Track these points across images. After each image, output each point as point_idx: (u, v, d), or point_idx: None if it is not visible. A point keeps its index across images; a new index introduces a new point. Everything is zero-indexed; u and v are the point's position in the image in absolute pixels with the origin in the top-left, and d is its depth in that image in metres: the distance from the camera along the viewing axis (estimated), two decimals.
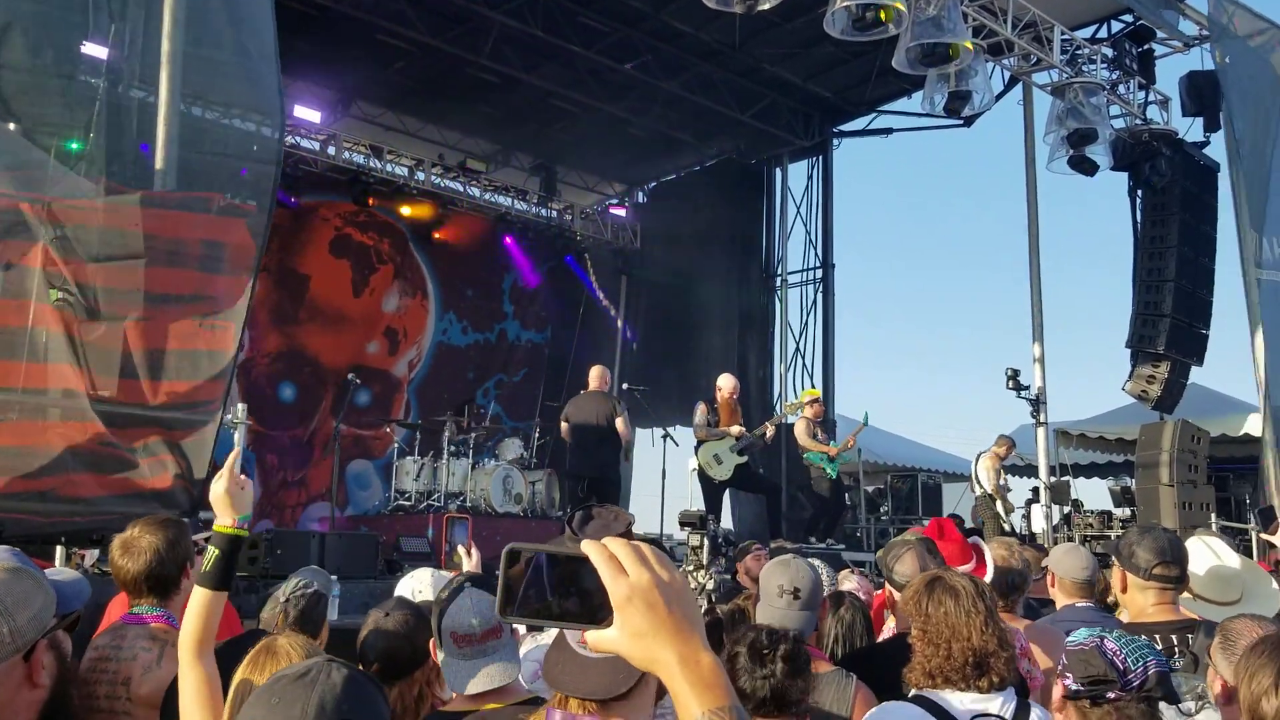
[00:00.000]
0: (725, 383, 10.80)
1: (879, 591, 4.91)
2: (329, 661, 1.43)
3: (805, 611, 3.23)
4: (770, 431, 11.08)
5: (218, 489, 2.47)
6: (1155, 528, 2.95)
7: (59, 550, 6.86)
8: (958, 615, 2.44)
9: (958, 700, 2.40)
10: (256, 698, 1.42)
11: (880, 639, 3.97)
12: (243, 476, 2.50)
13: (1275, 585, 3.58)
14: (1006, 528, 12.74)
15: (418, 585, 3.74)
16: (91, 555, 6.80)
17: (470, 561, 3.64)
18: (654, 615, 1.13)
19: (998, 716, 2.40)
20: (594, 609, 1.15)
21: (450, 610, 2.59)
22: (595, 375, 10.88)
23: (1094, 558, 4.35)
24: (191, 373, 6.81)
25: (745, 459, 10.69)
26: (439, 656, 2.64)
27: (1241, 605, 3.35)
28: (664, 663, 1.13)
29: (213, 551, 2.41)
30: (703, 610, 5.20)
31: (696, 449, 10.92)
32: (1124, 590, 2.92)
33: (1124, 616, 4.35)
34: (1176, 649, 2.72)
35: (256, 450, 14.40)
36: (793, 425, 12.76)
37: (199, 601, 2.38)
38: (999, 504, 12.85)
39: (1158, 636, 2.78)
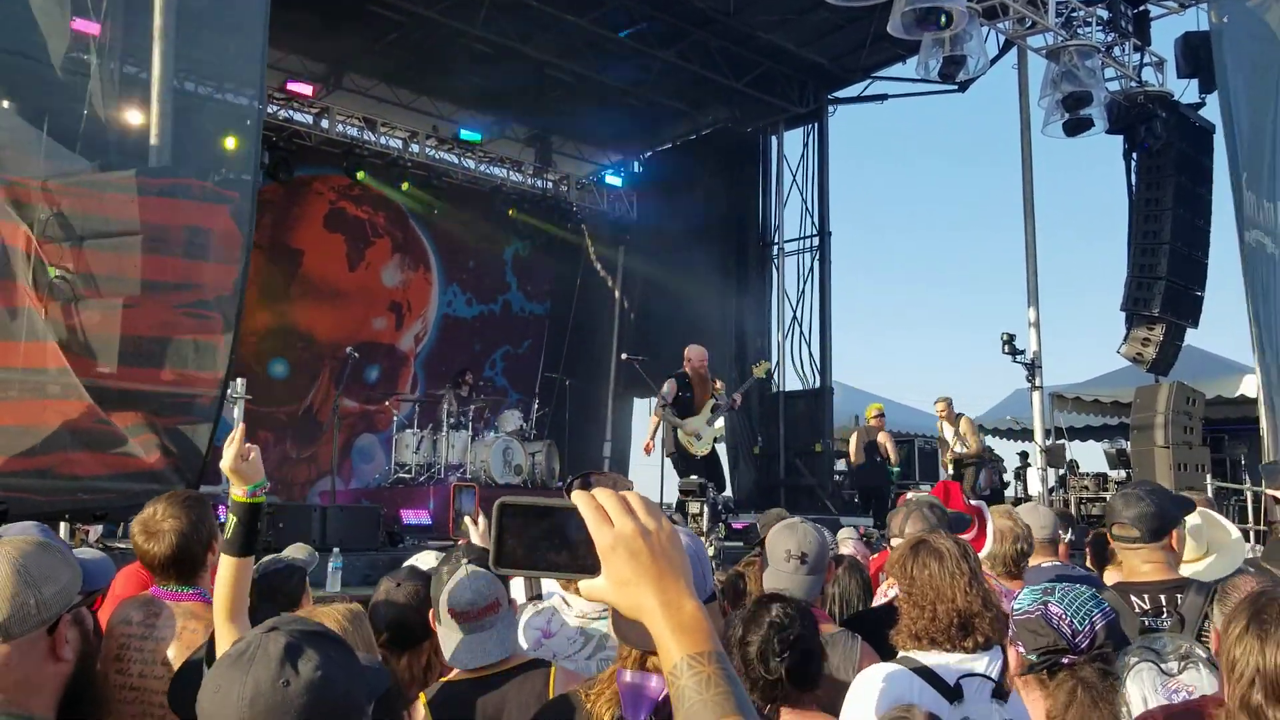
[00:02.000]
0: (693, 354, 10.27)
1: (874, 555, 4.98)
2: (269, 631, 1.36)
3: (812, 576, 3.28)
4: (738, 401, 10.64)
5: (225, 464, 2.56)
6: (1138, 489, 2.98)
7: (63, 527, 6.92)
8: (942, 577, 2.49)
9: (945, 661, 2.45)
10: (203, 686, 1.39)
11: (879, 601, 4.04)
12: (248, 446, 2.56)
13: (1235, 533, 3.61)
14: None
15: (423, 565, 3.78)
16: (95, 532, 6.86)
17: (478, 529, 3.68)
18: (637, 563, 1.15)
19: (984, 675, 2.45)
20: (584, 559, 1.17)
21: (449, 586, 2.63)
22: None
23: (1056, 516, 4.43)
24: (179, 361, 6.80)
25: (721, 431, 10.42)
26: (439, 630, 2.69)
27: (1211, 560, 3.38)
28: (647, 609, 1.15)
29: (232, 519, 2.52)
30: None
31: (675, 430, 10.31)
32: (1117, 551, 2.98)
33: (1110, 575, 4.43)
34: (1165, 608, 2.77)
35: (248, 426, 14.44)
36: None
37: (226, 569, 2.49)
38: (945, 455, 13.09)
39: (1146, 596, 2.83)
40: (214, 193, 7.15)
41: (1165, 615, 2.73)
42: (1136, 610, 2.79)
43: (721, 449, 10.79)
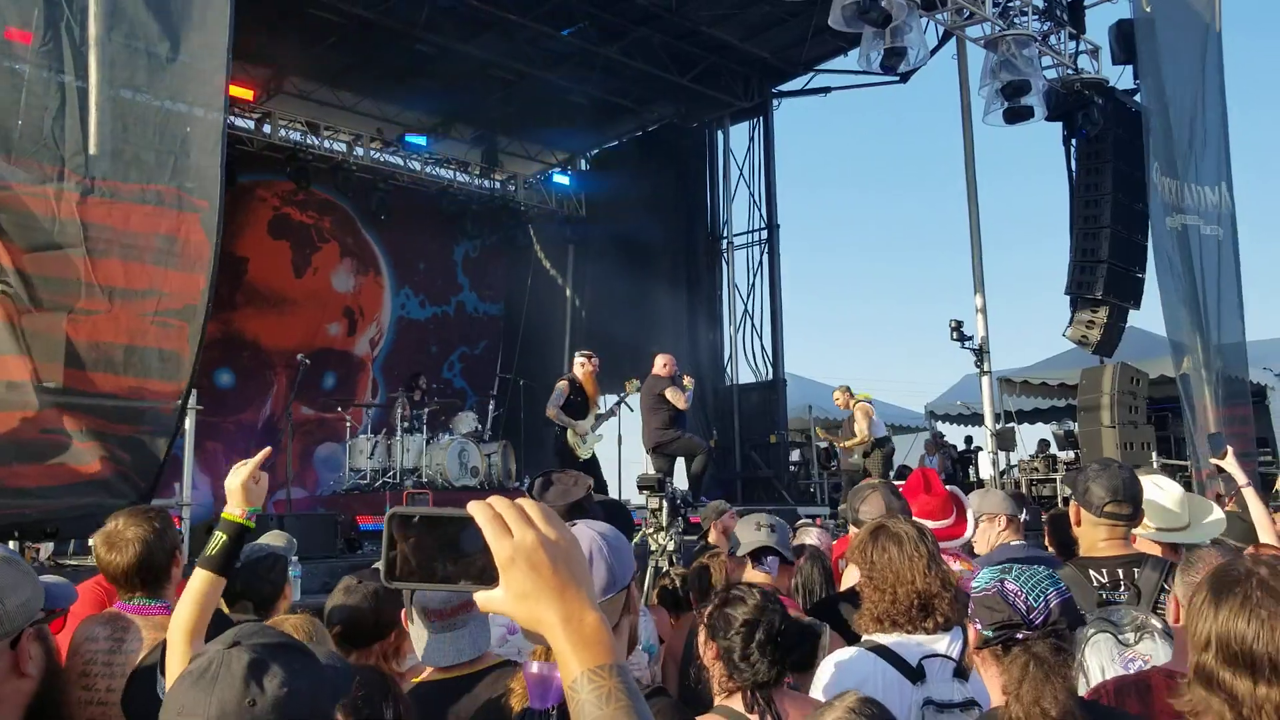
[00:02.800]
0: (584, 358, 10.77)
1: (834, 542, 5.03)
2: (231, 647, 1.32)
3: (784, 538, 3.36)
4: (617, 409, 10.88)
5: (236, 479, 2.50)
6: (1112, 464, 3.06)
7: (12, 545, 6.79)
8: (901, 560, 2.54)
9: (906, 641, 2.50)
10: (165, 706, 1.34)
11: (843, 587, 4.09)
12: (260, 471, 2.53)
13: (1217, 510, 3.73)
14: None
15: None
16: (46, 549, 6.73)
17: None
18: (537, 575, 1.11)
19: (945, 655, 2.50)
20: (480, 571, 1.13)
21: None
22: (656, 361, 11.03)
23: (1010, 497, 4.52)
24: (141, 370, 6.70)
25: (601, 437, 10.75)
26: (411, 630, 2.69)
27: (1191, 529, 3.48)
28: (548, 623, 1.11)
29: (219, 537, 2.45)
30: (662, 572, 5.28)
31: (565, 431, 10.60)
32: (1078, 524, 3.04)
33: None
34: (1122, 582, 2.84)
35: (196, 437, 14.25)
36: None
37: (199, 584, 2.41)
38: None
39: (1105, 570, 2.90)
40: (185, 201, 7.03)
41: (1122, 589, 2.80)
42: (1094, 584, 2.86)
43: (606, 450, 11.00)
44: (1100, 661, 2.32)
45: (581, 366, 10.67)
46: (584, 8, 14.45)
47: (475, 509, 1.14)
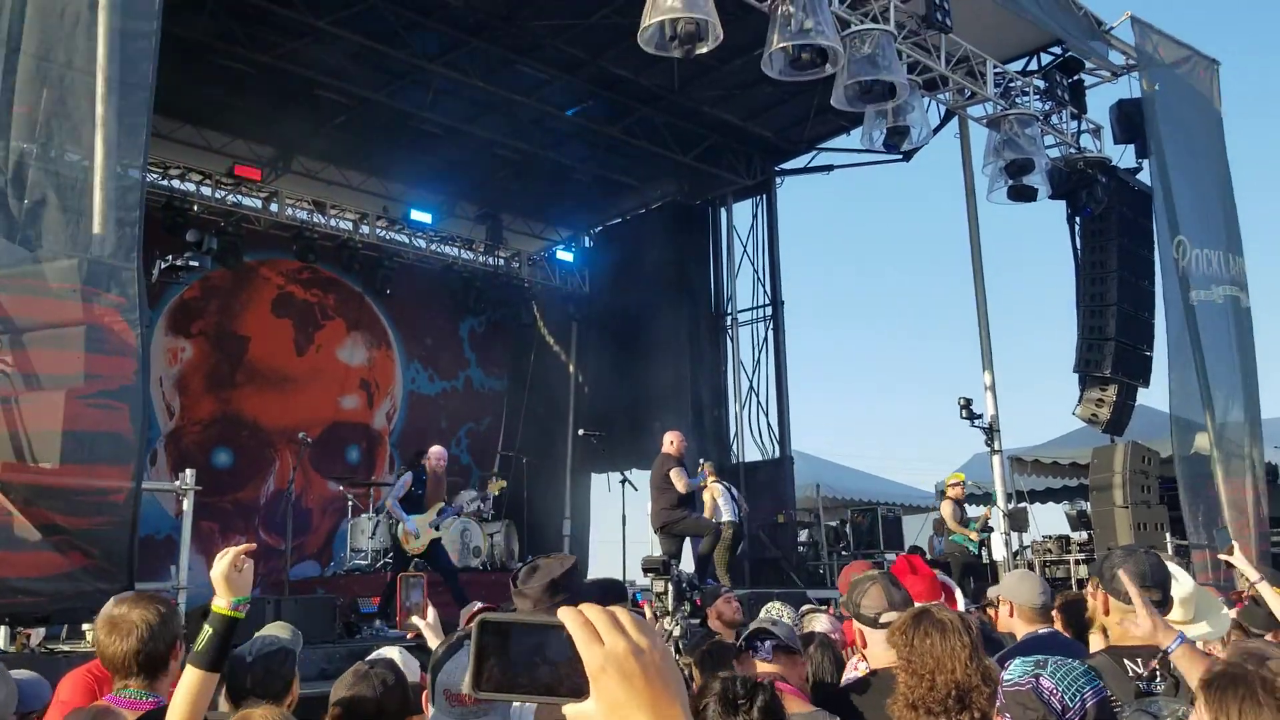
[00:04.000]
0: (434, 454, 10.53)
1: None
2: None
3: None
4: (467, 510, 10.70)
5: (218, 570, 2.42)
6: (1138, 550, 2.95)
7: (2, 630, 6.62)
8: (943, 648, 2.44)
9: None
10: None
11: (846, 676, 3.94)
12: (244, 559, 2.42)
13: (1225, 608, 3.63)
14: (984, 559, 12.72)
15: (400, 659, 3.64)
16: (38, 635, 6.55)
17: (426, 621, 3.54)
18: (630, 686, 1.06)
19: None
20: (570, 681, 1.08)
21: (447, 667, 2.52)
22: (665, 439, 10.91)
23: (1046, 582, 4.33)
24: (88, 455, 6.52)
25: (440, 534, 10.39)
26: (429, 712, 2.57)
27: (1198, 624, 3.36)
28: None
29: (207, 630, 2.37)
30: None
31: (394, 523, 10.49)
32: (1106, 613, 2.90)
33: (1095, 640, 4.35)
34: (1158, 672, 2.70)
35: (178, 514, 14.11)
36: (939, 504, 13.03)
37: (191, 682, 2.30)
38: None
39: (1140, 660, 2.76)
40: (94, 294, 6.80)
41: (1159, 679, 2.66)
42: (1130, 674, 2.72)
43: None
44: None
45: (428, 460, 10.47)
46: (587, 88, 14.64)
47: (566, 615, 1.09)
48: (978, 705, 2.36)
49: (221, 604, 2.40)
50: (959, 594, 3.75)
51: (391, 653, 3.63)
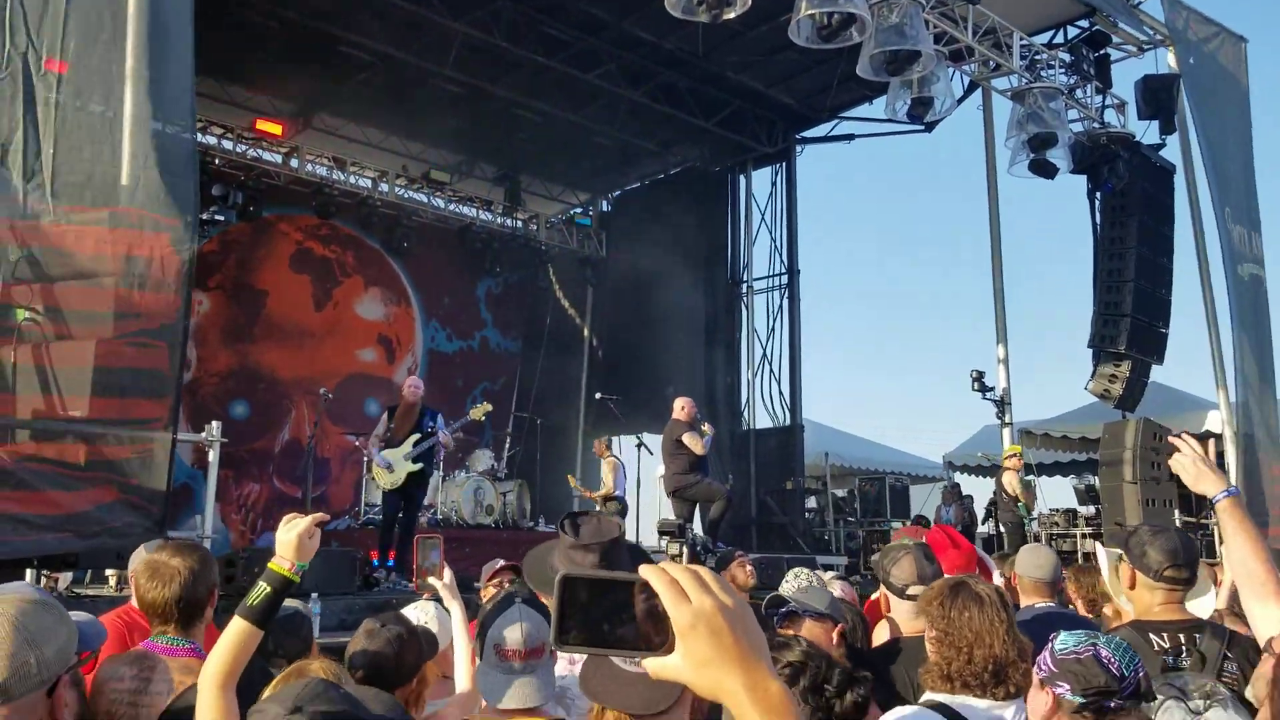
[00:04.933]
0: (406, 383, 10.02)
1: (872, 596, 4.94)
2: (293, 712, 1.29)
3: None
4: (446, 440, 9.97)
5: (292, 532, 2.42)
6: (1169, 529, 2.99)
7: (28, 574, 6.74)
8: (981, 622, 2.47)
9: (972, 705, 2.42)
10: None
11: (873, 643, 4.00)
12: (315, 529, 2.45)
13: (1213, 589, 3.63)
14: (1031, 530, 12.81)
15: (424, 615, 3.71)
16: (65, 579, 6.68)
17: (443, 582, 3.60)
18: (719, 642, 1.09)
19: None
20: (651, 635, 1.12)
21: (498, 622, 2.59)
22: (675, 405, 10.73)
23: (1058, 559, 4.38)
24: (124, 390, 6.65)
25: (420, 466, 9.69)
26: (476, 664, 2.63)
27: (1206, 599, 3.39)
28: (730, 691, 1.09)
29: (263, 588, 2.36)
30: None
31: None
32: (1131, 587, 2.96)
33: (1109, 611, 4.42)
34: (1184, 648, 2.76)
35: (205, 466, 14.26)
36: (1002, 473, 13.04)
37: (236, 634, 2.31)
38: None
39: (1166, 635, 2.82)
40: (153, 221, 6.97)
41: (1185, 654, 2.73)
42: (1156, 649, 2.79)
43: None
44: None
45: (401, 391, 10.02)
46: (610, 51, 14.57)
47: (650, 573, 1.13)
48: (1013, 680, 2.41)
49: (285, 566, 2.39)
50: (995, 570, 3.81)
51: (429, 607, 3.70)
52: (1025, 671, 2.36)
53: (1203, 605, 3.32)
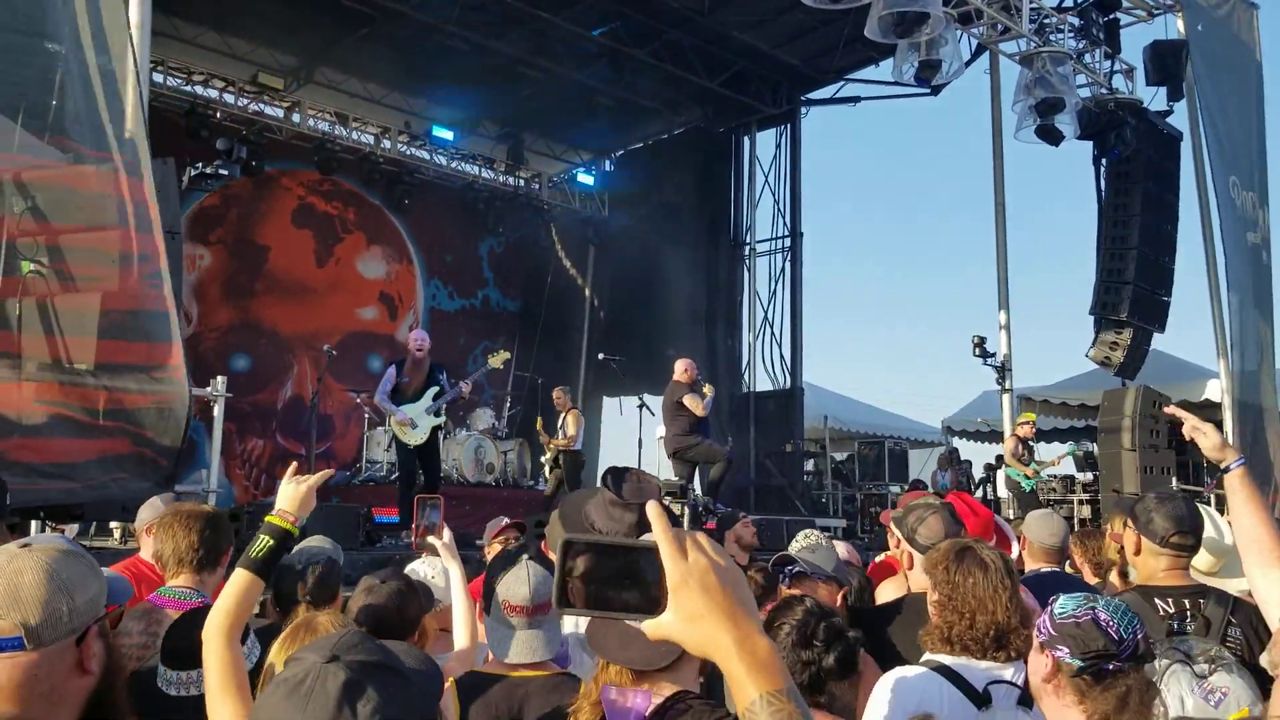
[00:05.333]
0: (411, 338, 9.68)
1: (876, 559, 4.98)
2: (330, 662, 1.29)
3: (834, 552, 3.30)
4: (467, 389, 9.71)
5: (296, 488, 2.45)
6: (1175, 496, 3.02)
7: (34, 526, 6.78)
8: (985, 588, 2.49)
9: (972, 666, 2.45)
10: (254, 712, 1.34)
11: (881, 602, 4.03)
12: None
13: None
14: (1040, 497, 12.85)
15: (431, 571, 3.74)
16: (71, 530, 6.72)
17: (442, 541, 3.62)
18: (709, 598, 1.14)
19: (1011, 682, 2.46)
20: (651, 599, 1.16)
21: (506, 579, 2.62)
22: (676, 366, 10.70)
23: (1066, 525, 4.44)
24: (146, 334, 6.67)
25: (441, 420, 9.58)
26: (485, 622, 2.67)
27: (1221, 574, 3.41)
28: (720, 645, 1.13)
29: (265, 540, 2.39)
30: None
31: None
32: (1137, 553, 2.99)
33: (1115, 579, 4.46)
34: (1189, 613, 2.80)
35: (206, 420, 14.29)
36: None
37: (240, 584, 2.35)
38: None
39: (1170, 600, 2.86)
40: (133, 166, 6.96)
41: (1189, 619, 2.76)
42: (1160, 614, 2.82)
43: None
44: (1180, 692, 2.29)
45: (408, 346, 9.69)
46: (616, 8, 14.43)
47: (658, 536, 1.17)
48: (1014, 646, 2.44)
49: (287, 519, 2.42)
50: (1014, 540, 3.83)
51: (436, 563, 3.73)
52: (1026, 638, 2.38)
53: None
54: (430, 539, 3.70)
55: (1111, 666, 1.97)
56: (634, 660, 1.96)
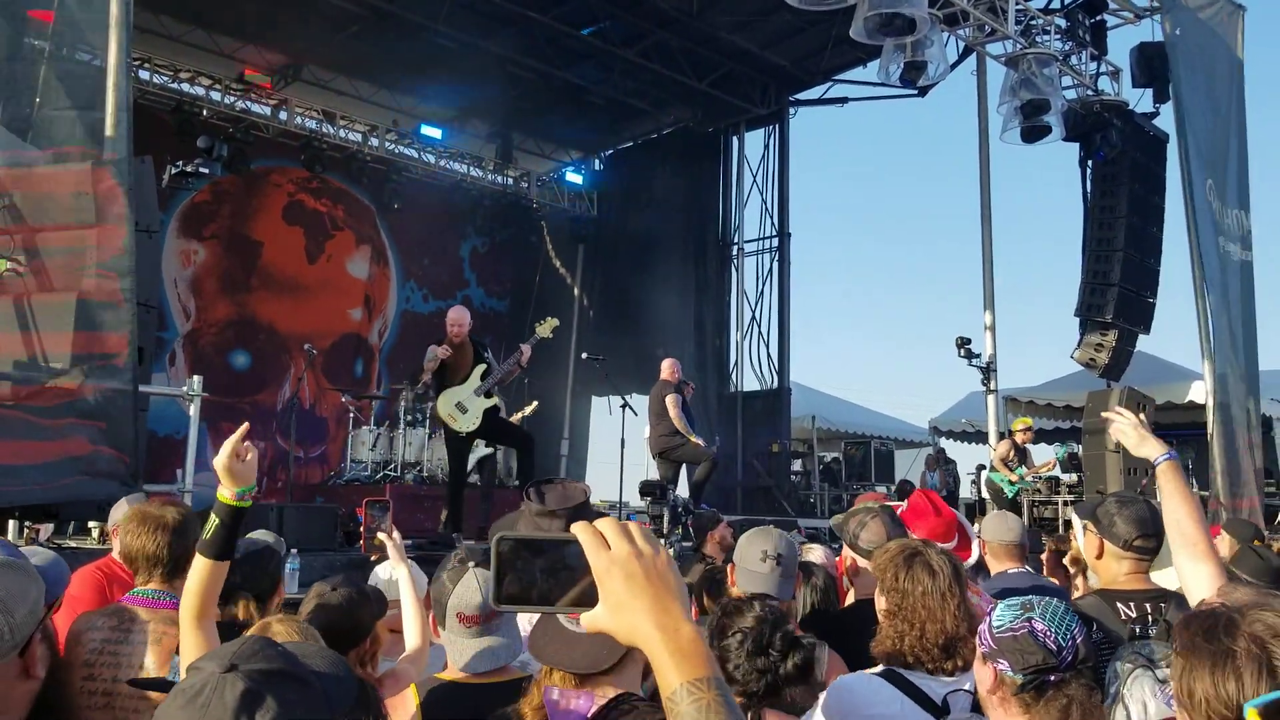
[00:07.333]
0: (450, 318, 8.75)
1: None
2: (228, 671, 1.24)
3: (786, 578, 3.27)
4: (526, 355, 8.59)
5: (220, 460, 2.42)
6: (1137, 499, 3.01)
7: (11, 525, 6.74)
8: (934, 596, 2.47)
9: (927, 678, 2.43)
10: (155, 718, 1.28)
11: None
12: (246, 446, 2.44)
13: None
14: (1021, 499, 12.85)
15: (384, 575, 3.73)
16: (46, 530, 6.67)
17: (392, 545, 3.61)
18: (632, 585, 1.14)
19: (966, 690, 2.44)
20: (583, 592, 1.16)
21: (457, 591, 2.61)
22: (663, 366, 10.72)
23: (1021, 523, 4.47)
24: (89, 323, 6.62)
25: (494, 401, 8.68)
26: (440, 634, 2.66)
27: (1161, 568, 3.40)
28: (643, 633, 1.14)
29: (214, 520, 2.39)
30: None
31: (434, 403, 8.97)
32: (1099, 557, 2.98)
33: (1080, 582, 4.47)
34: (1150, 616, 2.79)
35: (210, 418, 14.23)
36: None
37: (201, 569, 2.37)
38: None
39: (1133, 604, 2.85)
40: (94, 157, 6.91)
41: (1152, 623, 2.75)
42: (1123, 617, 2.81)
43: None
44: (1143, 697, 2.27)
45: (450, 325, 8.70)
46: (605, 8, 14.43)
47: (578, 528, 1.17)
48: (962, 655, 2.40)
49: (226, 494, 2.40)
50: (975, 542, 3.82)
51: (401, 569, 3.71)
52: (973, 647, 2.37)
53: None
54: (381, 536, 3.69)
55: (1053, 679, 1.96)
56: (576, 664, 1.96)
